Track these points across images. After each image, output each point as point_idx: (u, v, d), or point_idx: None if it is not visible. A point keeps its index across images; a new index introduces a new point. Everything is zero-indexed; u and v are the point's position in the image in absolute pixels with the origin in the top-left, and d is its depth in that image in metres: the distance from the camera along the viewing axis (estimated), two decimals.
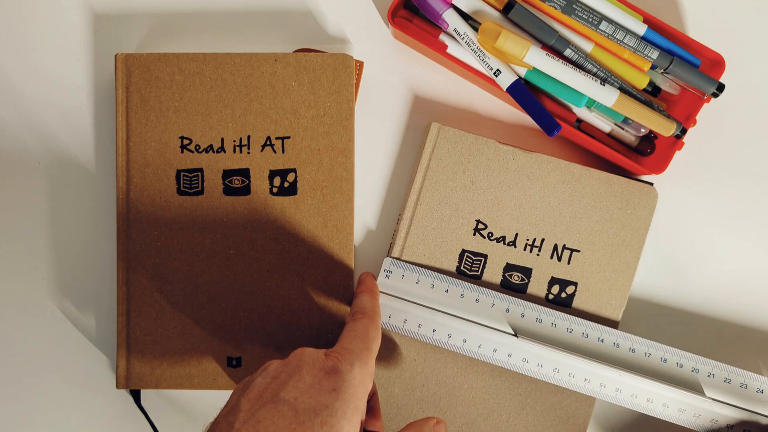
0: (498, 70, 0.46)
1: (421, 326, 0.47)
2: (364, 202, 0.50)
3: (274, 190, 0.48)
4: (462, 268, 0.48)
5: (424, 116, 0.51)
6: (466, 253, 0.48)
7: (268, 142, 0.48)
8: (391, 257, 0.47)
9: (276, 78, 0.47)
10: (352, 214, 0.48)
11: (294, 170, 0.48)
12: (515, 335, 0.46)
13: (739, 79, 0.50)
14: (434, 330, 0.46)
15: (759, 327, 0.51)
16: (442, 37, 0.48)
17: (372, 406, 0.43)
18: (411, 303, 0.47)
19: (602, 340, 0.47)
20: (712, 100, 0.48)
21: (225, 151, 0.47)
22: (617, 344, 0.47)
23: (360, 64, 0.49)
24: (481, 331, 0.46)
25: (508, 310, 0.47)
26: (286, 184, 0.48)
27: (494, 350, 0.46)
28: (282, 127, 0.47)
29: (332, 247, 0.47)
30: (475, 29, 0.47)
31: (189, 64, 0.47)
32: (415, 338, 0.47)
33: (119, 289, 0.47)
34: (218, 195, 0.47)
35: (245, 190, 0.48)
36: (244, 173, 0.48)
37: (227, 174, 0.48)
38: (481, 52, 0.46)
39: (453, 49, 0.48)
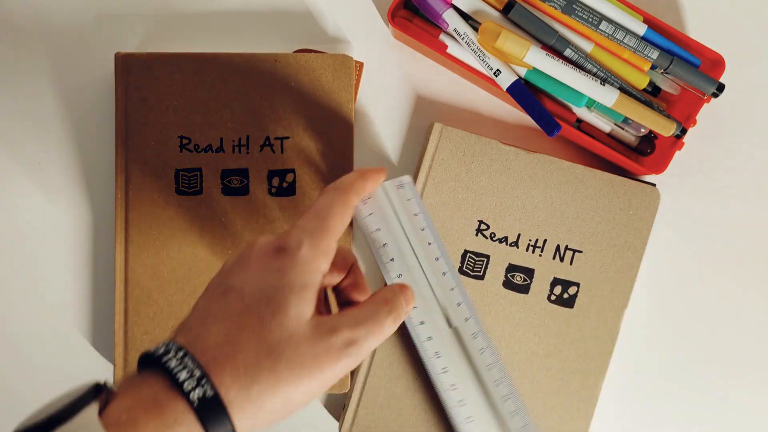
0: (498, 70, 0.46)
1: (393, 261, 0.42)
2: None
3: (273, 190, 0.47)
4: (464, 268, 0.48)
5: (425, 116, 0.50)
6: (468, 254, 0.48)
7: (267, 143, 0.47)
8: (403, 182, 0.43)
9: (275, 78, 0.47)
10: (351, 215, 0.47)
11: (293, 170, 0.47)
12: (449, 325, 0.44)
13: (739, 79, 0.50)
14: (400, 275, 0.42)
15: (759, 323, 0.51)
16: (442, 37, 0.48)
17: (355, 280, 0.40)
18: (399, 225, 0.42)
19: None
20: (712, 100, 0.48)
21: (224, 151, 0.47)
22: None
23: (360, 65, 0.49)
24: (431, 304, 0.43)
25: (452, 289, 0.44)
26: (285, 185, 0.47)
27: (429, 338, 0.44)
28: (281, 127, 0.47)
29: None
30: (475, 29, 0.47)
31: (189, 64, 0.47)
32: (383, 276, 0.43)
33: (117, 289, 0.47)
34: (217, 195, 0.47)
35: (244, 190, 0.47)
36: (243, 173, 0.47)
37: (226, 174, 0.47)
38: (481, 52, 0.46)
39: (453, 49, 0.48)
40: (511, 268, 0.48)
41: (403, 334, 0.47)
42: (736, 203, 0.51)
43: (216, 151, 0.47)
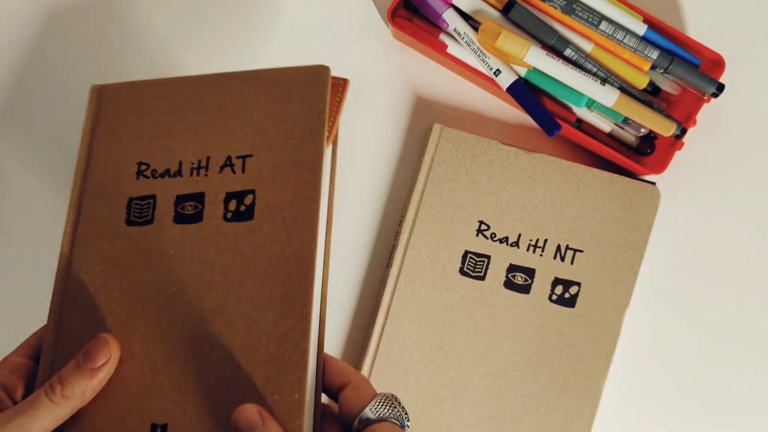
0: (498, 70, 0.46)
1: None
2: (366, 204, 0.50)
3: (229, 215, 0.40)
4: (465, 269, 0.48)
5: (425, 116, 0.50)
6: (469, 254, 0.48)
7: (228, 162, 0.41)
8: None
9: (244, 95, 0.42)
10: (316, 240, 0.38)
11: (252, 191, 0.40)
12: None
13: (739, 79, 0.50)
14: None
15: (760, 322, 0.51)
16: (442, 36, 0.48)
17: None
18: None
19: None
20: (712, 100, 0.48)
21: (182, 175, 0.41)
22: None
23: (344, 82, 0.44)
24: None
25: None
26: (242, 208, 0.40)
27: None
28: (245, 144, 0.41)
29: (290, 281, 0.38)
30: (475, 29, 0.47)
31: (158, 89, 0.43)
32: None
33: (47, 338, 0.40)
34: (168, 224, 0.40)
35: (197, 217, 0.40)
36: (199, 198, 0.41)
37: (180, 200, 0.41)
38: (481, 52, 0.46)
39: (453, 49, 0.48)
40: (512, 268, 0.48)
41: (406, 334, 0.47)
42: (736, 203, 0.51)
43: (173, 176, 0.41)
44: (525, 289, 0.48)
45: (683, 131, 0.47)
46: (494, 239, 0.48)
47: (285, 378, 0.36)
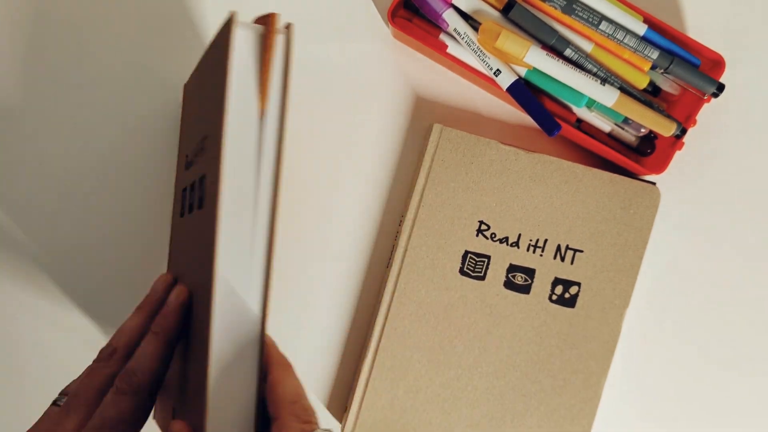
0: (498, 70, 0.46)
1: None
2: (366, 204, 0.50)
3: (196, 204, 0.37)
4: (465, 269, 0.48)
5: (425, 116, 0.50)
6: (469, 255, 0.48)
7: (201, 145, 0.37)
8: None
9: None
10: (216, 224, 0.32)
11: (204, 176, 0.36)
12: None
13: (739, 79, 0.50)
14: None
15: (760, 322, 0.51)
16: (442, 36, 0.48)
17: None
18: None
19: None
20: (712, 100, 0.48)
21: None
22: None
23: (270, 18, 0.33)
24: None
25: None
26: (198, 198, 0.37)
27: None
28: (210, 123, 0.35)
29: (203, 271, 0.34)
30: (475, 29, 0.46)
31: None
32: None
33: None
34: (197, 212, 0.38)
35: (199, 205, 0.38)
36: (201, 182, 0.37)
37: (187, 189, 0.40)
38: (481, 52, 0.46)
39: (453, 49, 0.48)
40: (512, 269, 0.48)
41: (406, 334, 0.47)
42: (737, 203, 0.51)
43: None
44: (525, 289, 0.48)
45: (683, 131, 0.47)
46: (494, 239, 0.48)
47: (199, 378, 0.33)
